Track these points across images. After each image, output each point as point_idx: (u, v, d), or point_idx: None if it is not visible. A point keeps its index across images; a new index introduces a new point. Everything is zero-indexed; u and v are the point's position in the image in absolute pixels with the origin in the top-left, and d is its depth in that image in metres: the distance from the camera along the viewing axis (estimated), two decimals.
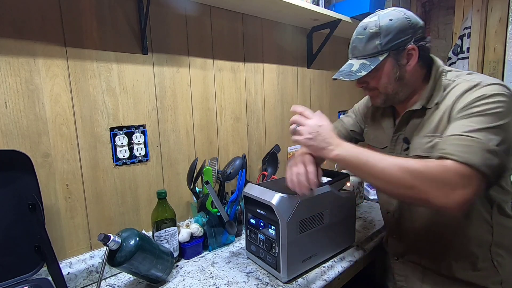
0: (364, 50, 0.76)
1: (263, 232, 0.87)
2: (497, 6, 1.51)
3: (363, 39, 0.76)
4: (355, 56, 0.79)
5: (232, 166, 1.11)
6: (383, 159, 0.66)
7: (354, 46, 0.79)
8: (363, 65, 0.76)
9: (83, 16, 0.85)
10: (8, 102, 0.75)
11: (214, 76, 1.17)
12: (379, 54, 0.74)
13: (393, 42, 0.73)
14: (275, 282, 0.84)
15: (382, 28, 0.73)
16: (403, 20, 0.74)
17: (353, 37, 0.80)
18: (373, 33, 0.74)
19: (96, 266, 0.88)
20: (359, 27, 0.79)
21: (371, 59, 0.75)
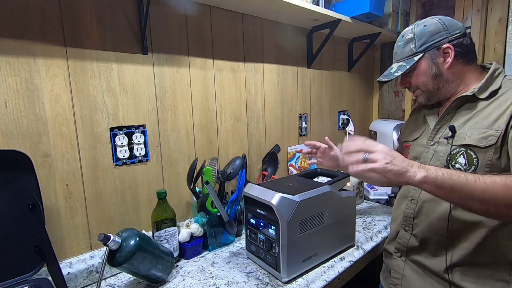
0: (401, 54, 0.88)
1: (263, 232, 0.87)
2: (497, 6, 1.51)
3: (401, 45, 0.88)
4: (395, 60, 0.90)
5: (232, 166, 1.11)
6: (482, 178, 0.61)
7: (395, 53, 0.91)
8: (400, 66, 0.86)
9: (83, 16, 0.85)
10: (8, 102, 0.75)
11: (214, 76, 1.17)
12: (414, 55, 0.84)
13: (427, 43, 0.82)
14: (275, 282, 0.84)
15: (416, 34, 0.84)
16: (437, 24, 0.82)
17: (395, 45, 0.92)
18: (408, 39, 0.86)
19: (96, 266, 0.88)
20: (399, 36, 0.90)
21: (407, 61, 0.86)
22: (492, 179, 0.61)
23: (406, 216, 0.88)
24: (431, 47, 0.82)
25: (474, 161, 0.74)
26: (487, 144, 0.72)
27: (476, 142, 0.74)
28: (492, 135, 0.72)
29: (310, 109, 1.60)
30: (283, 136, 1.47)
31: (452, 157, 0.78)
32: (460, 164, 0.76)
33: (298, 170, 1.54)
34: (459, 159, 0.77)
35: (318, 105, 1.64)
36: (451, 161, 0.78)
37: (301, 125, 1.55)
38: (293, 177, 1.03)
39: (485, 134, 0.73)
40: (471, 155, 0.75)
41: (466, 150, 0.76)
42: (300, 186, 0.91)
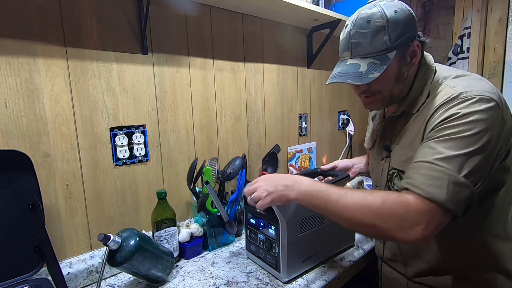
0: (370, 47, 0.66)
1: (263, 232, 0.87)
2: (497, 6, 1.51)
3: (368, 34, 0.66)
4: (358, 54, 0.68)
5: (232, 166, 1.11)
6: (344, 197, 0.63)
7: (356, 43, 0.68)
8: (373, 65, 0.66)
9: (83, 16, 0.85)
10: (8, 102, 0.75)
11: (214, 76, 1.17)
12: (388, 51, 0.66)
13: (401, 37, 0.65)
14: (275, 282, 0.84)
15: (390, 21, 0.65)
16: (407, 12, 0.67)
17: (350, 31, 0.69)
18: (380, 27, 0.65)
19: (96, 266, 0.88)
20: (359, 19, 0.68)
21: (380, 57, 0.66)
22: (355, 198, 0.62)
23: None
24: (405, 43, 0.66)
25: None
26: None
27: (401, 166, 0.72)
28: (412, 157, 0.66)
29: (310, 109, 1.60)
30: (283, 136, 1.47)
31: (390, 177, 0.77)
32: (397, 186, 0.74)
33: (298, 170, 1.54)
34: (395, 180, 0.75)
35: (318, 105, 1.64)
36: (390, 181, 0.77)
37: (301, 125, 1.55)
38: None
39: (406, 156, 0.70)
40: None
41: (398, 172, 0.74)
42: None
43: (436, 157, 0.58)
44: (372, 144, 0.90)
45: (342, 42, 0.72)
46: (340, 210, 0.63)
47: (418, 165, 0.61)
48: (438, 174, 0.57)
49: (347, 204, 0.62)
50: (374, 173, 0.88)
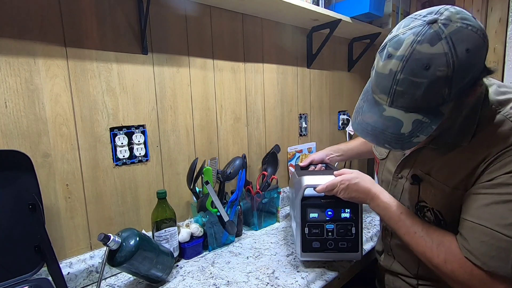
0: (422, 101, 0.50)
1: (333, 220, 0.87)
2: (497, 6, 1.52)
3: (423, 85, 0.48)
4: (401, 105, 0.52)
5: (232, 166, 1.11)
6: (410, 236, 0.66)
7: (401, 91, 0.51)
8: (420, 124, 0.51)
9: (83, 16, 0.85)
10: (8, 102, 0.75)
11: (214, 76, 1.17)
12: (441, 104, 0.50)
13: (464, 84, 0.49)
14: (275, 282, 0.84)
15: (457, 70, 0.47)
16: (482, 47, 0.49)
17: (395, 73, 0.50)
18: (441, 77, 0.47)
19: (96, 266, 0.88)
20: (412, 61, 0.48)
21: (429, 113, 0.51)
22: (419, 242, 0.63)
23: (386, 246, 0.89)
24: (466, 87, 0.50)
25: (442, 223, 0.66)
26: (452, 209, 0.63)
27: (441, 209, 0.65)
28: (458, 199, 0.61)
29: (310, 109, 1.60)
30: (283, 136, 1.47)
31: (420, 208, 0.70)
32: (429, 219, 0.68)
33: None
34: (427, 213, 0.68)
35: (318, 105, 1.64)
36: (420, 211, 0.70)
37: (301, 125, 1.55)
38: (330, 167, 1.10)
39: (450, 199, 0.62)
40: (438, 216, 0.66)
41: (432, 209, 0.67)
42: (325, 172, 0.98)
43: (501, 224, 0.51)
44: (386, 155, 0.84)
45: (381, 78, 0.53)
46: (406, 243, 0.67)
47: (478, 228, 0.54)
48: (502, 245, 0.50)
49: (412, 245, 0.65)
50: (385, 185, 0.83)
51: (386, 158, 0.84)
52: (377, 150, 0.91)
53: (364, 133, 0.57)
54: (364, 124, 0.57)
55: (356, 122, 0.60)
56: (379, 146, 0.63)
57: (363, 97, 0.62)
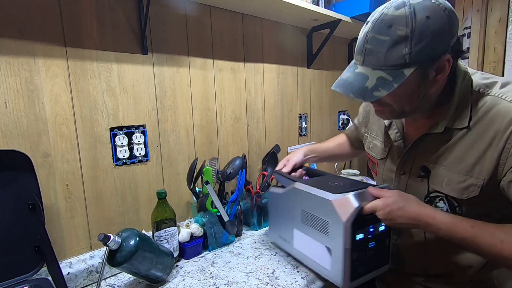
0: (385, 58, 0.56)
1: (375, 237, 0.76)
2: (497, 6, 1.52)
3: (386, 43, 0.55)
4: (369, 63, 0.59)
5: (232, 166, 1.11)
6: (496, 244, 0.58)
7: (370, 49, 0.58)
8: (382, 81, 0.57)
9: (83, 16, 0.85)
10: (8, 102, 0.75)
11: (214, 76, 1.17)
12: (404, 66, 0.56)
13: (426, 51, 0.54)
14: (275, 282, 0.84)
15: (416, 31, 0.53)
16: (443, 18, 0.54)
17: (367, 32, 0.58)
18: (401, 37, 0.54)
19: (96, 266, 0.88)
20: (380, 21, 0.57)
21: (393, 72, 0.56)
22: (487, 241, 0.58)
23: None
24: (429, 58, 0.56)
25: (457, 210, 0.66)
26: (470, 196, 0.63)
27: (457, 194, 0.64)
28: (473, 184, 0.62)
29: (310, 109, 1.60)
30: (283, 136, 1.47)
31: (431, 199, 0.70)
32: (442, 209, 0.67)
33: None
34: (439, 203, 0.69)
35: (318, 105, 1.64)
36: (430, 203, 0.70)
37: (301, 125, 1.55)
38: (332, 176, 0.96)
39: (465, 183, 0.63)
40: (453, 204, 0.66)
41: (447, 197, 0.67)
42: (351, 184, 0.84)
43: None
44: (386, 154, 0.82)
45: (358, 42, 0.62)
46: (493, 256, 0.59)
47: None
48: None
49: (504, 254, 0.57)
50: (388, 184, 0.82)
51: (386, 157, 0.83)
52: (374, 151, 0.87)
53: (336, 85, 0.64)
54: (339, 80, 0.64)
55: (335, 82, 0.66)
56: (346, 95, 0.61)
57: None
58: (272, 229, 1.01)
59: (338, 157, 1.15)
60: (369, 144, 0.91)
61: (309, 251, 0.84)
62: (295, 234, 0.88)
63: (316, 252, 0.81)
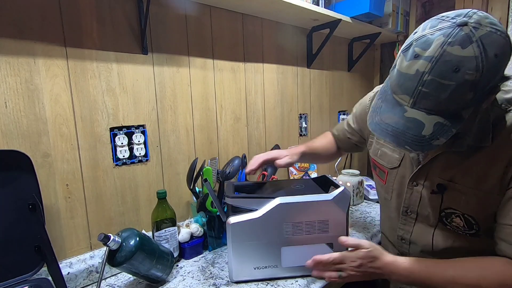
0: (445, 103, 0.49)
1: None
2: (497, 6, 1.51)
3: (449, 88, 0.48)
4: (423, 107, 0.51)
5: (231, 165, 1.10)
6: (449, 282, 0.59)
7: (426, 93, 0.50)
8: (441, 127, 0.50)
9: (83, 16, 0.85)
10: (8, 102, 0.75)
11: (214, 76, 1.17)
12: (463, 109, 0.50)
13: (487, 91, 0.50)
14: (275, 282, 0.84)
15: (485, 73, 0.46)
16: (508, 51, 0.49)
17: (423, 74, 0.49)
18: (468, 82, 0.47)
19: (96, 266, 0.88)
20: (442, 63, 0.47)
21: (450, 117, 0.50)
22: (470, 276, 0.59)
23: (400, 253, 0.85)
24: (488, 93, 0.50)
25: (475, 227, 0.65)
26: (487, 214, 0.62)
27: (475, 214, 0.63)
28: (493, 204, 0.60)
29: (310, 109, 1.60)
30: (283, 136, 1.47)
31: (446, 215, 0.68)
32: (458, 225, 0.67)
33: (298, 170, 1.54)
34: (456, 219, 0.67)
35: (318, 105, 1.64)
36: (446, 218, 0.68)
37: (301, 125, 1.55)
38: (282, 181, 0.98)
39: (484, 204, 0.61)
40: (470, 221, 0.64)
41: (463, 215, 0.65)
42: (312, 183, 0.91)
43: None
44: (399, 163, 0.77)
45: (405, 79, 0.52)
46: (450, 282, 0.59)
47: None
48: None
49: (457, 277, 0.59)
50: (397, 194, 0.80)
51: (399, 167, 0.78)
52: (385, 160, 0.83)
53: (384, 133, 0.55)
54: (384, 124, 0.56)
55: (374, 122, 0.58)
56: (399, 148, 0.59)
57: (380, 97, 0.59)
58: (241, 266, 0.82)
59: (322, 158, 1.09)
60: (376, 151, 0.86)
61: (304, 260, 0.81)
62: (283, 252, 0.82)
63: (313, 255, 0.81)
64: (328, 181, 0.92)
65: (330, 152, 1.05)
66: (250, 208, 0.80)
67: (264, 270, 0.83)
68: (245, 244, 0.80)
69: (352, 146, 1.01)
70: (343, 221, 0.82)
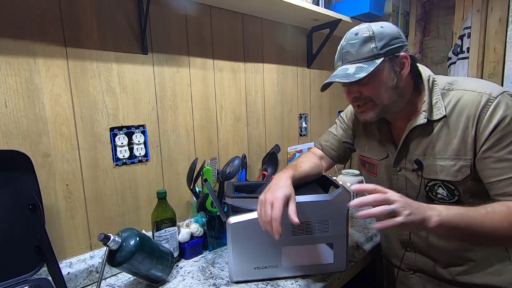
0: (358, 53, 0.72)
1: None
2: (497, 6, 1.52)
3: (356, 44, 0.72)
4: (347, 61, 0.74)
5: (231, 165, 1.11)
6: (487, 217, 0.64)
7: (346, 52, 0.74)
8: (360, 68, 0.70)
9: (83, 16, 0.85)
10: (8, 102, 0.75)
11: (214, 76, 1.17)
12: (375, 57, 0.71)
13: (388, 46, 0.71)
14: (275, 282, 0.84)
15: (376, 33, 0.71)
16: (393, 28, 0.73)
17: (342, 44, 0.76)
18: (366, 37, 0.71)
19: (96, 266, 0.88)
20: (348, 34, 0.75)
21: (367, 62, 0.71)
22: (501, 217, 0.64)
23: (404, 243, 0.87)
24: (391, 52, 0.71)
25: (456, 192, 0.74)
26: (464, 176, 0.71)
27: (452, 178, 0.72)
28: (464, 165, 0.71)
29: (310, 109, 1.60)
30: (283, 136, 1.47)
31: (430, 188, 0.77)
32: (442, 195, 0.75)
33: None
34: (439, 190, 0.76)
35: (318, 105, 1.64)
36: (430, 191, 0.77)
37: (301, 125, 1.55)
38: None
39: (456, 166, 0.72)
40: (451, 187, 0.74)
41: (443, 183, 0.74)
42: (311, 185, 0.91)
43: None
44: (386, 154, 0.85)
45: (336, 56, 0.79)
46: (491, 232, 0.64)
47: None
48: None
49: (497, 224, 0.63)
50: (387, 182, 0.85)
51: (387, 157, 0.85)
52: (373, 153, 0.89)
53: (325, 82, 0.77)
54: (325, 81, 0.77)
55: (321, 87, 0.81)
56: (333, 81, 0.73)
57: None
58: (241, 266, 0.82)
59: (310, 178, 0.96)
60: (364, 147, 0.93)
61: (304, 260, 0.82)
62: (283, 252, 0.82)
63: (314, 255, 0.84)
64: (328, 181, 0.92)
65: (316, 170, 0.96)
66: (250, 208, 0.80)
67: (264, 270, 0.83)
68: (245, 244, 0.81)
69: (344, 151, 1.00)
70: (343, 221, 0.82)
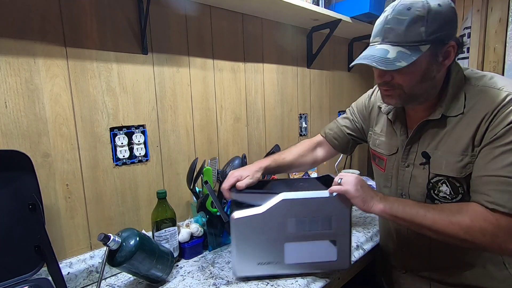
0: (404, 35, 0.62)
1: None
2: (497, 6, 1.52)
3: (405, 21, 0.62)
4: (389, 41, 0.64)
5: (231, 165, 1.11)
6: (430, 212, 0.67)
7: (390, 28, 0.64)
8: (402, 54, 0.62)
9: (83, 16, 0.85)
10: (8, 102, 0.75)
11: (214, 76, 1.17)
12: (421, 44, 0.62)
13: (438, 32, 0.62)
14: (275, 282, 0.84)
15: (431, 13, 0.61)
16: (451, 9, 0.63)
17: (387, 15, 0.65)
18: (419, 16, 0.61)
19: (96, 266, 0.88)
20: (399, 5, 0.64)
21: (411, 48, 0.62)
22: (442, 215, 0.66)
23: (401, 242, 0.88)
24: (440, 39, 0.62)
25: (460, 190, 0.70)
26: (467, 173, 0.68)
27: (456, 174, 0.69)
28: (469, 162, 0.67)
29: (310, 109, 1.60)
30: (283, 136, 1.47)
31: (433, 185, 0.74)
32: (445, 193, 0.72)
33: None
34: (442, 187, 0.73)
35: (318, 105, 1.64)
36: (432, 189, 0.74)
37: (301, 125, 1.55)
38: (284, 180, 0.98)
39: (462, 162, 0.68)
40: (455, 184, 0.70)
41: (448, 179, 0.71)
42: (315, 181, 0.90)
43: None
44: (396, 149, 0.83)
45: (376, 28, 0.68)
46: (430, 225, 0.66)
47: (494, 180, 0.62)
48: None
49: (437, 220, 0.66)
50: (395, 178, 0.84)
51: (397, 153, 0.83)
52: (383, 148, 0.87)
53: (357, 60, 0.69)
54: (360, 56, 0.70)
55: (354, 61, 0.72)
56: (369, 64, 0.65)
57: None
58: (245, 261, 0.82)
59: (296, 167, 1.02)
60: (375, 141, 0.91)
61: (307, 257, 0.82)
62: (286, 248, 0.81)
63: (317, 252, 0.83)
64: (332, 179, 0.91)
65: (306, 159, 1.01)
66: (254, 203, 0.80)
67: (268, 266, 0.82)
68: (249, 240, 0.80)
69: (347, 142, 1.01)
70: (346, 218, 0.81)
